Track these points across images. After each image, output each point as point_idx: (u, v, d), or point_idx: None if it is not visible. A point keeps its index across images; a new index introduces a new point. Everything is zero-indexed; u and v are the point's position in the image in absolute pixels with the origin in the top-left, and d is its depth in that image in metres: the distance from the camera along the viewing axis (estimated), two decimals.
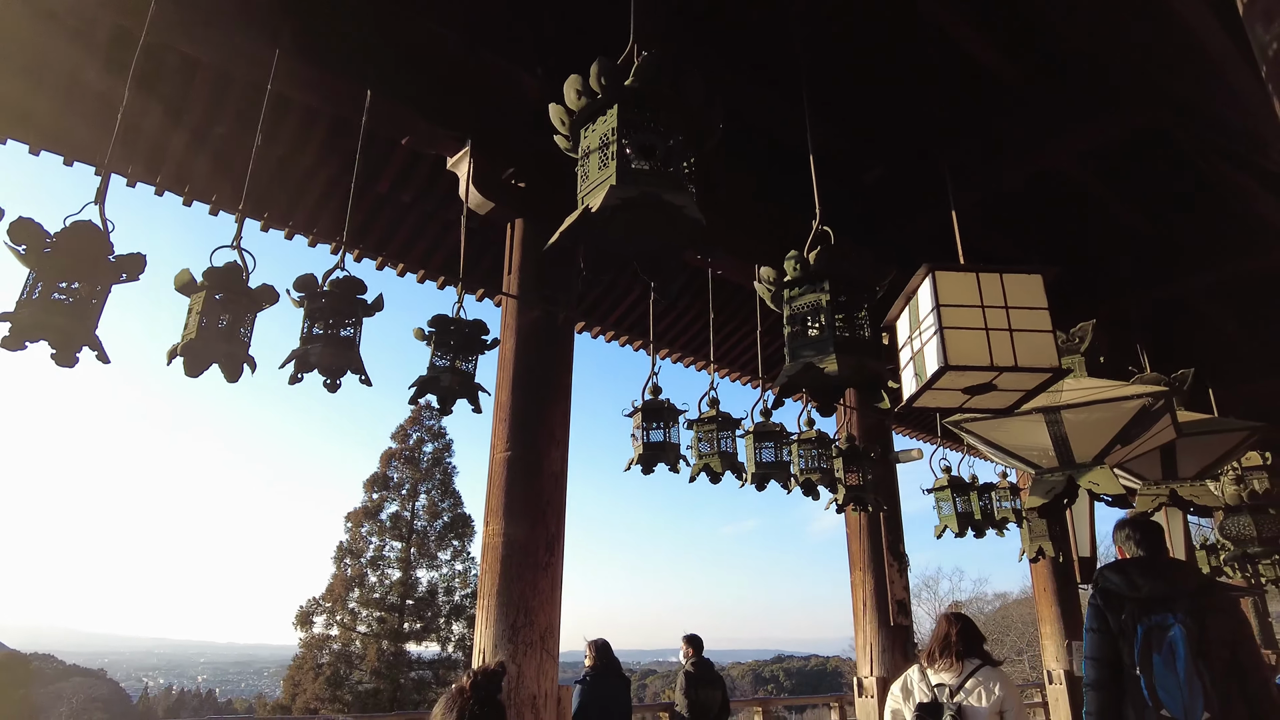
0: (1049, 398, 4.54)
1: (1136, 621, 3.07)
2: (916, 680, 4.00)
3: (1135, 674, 2.98)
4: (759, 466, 4.64)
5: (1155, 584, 3.14)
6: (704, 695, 6.62)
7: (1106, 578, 3.31)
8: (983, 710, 3.74)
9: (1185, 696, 2.81)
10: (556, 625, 3.64)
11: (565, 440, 3.92)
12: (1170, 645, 2.95)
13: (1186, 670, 2.86)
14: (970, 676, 3.85)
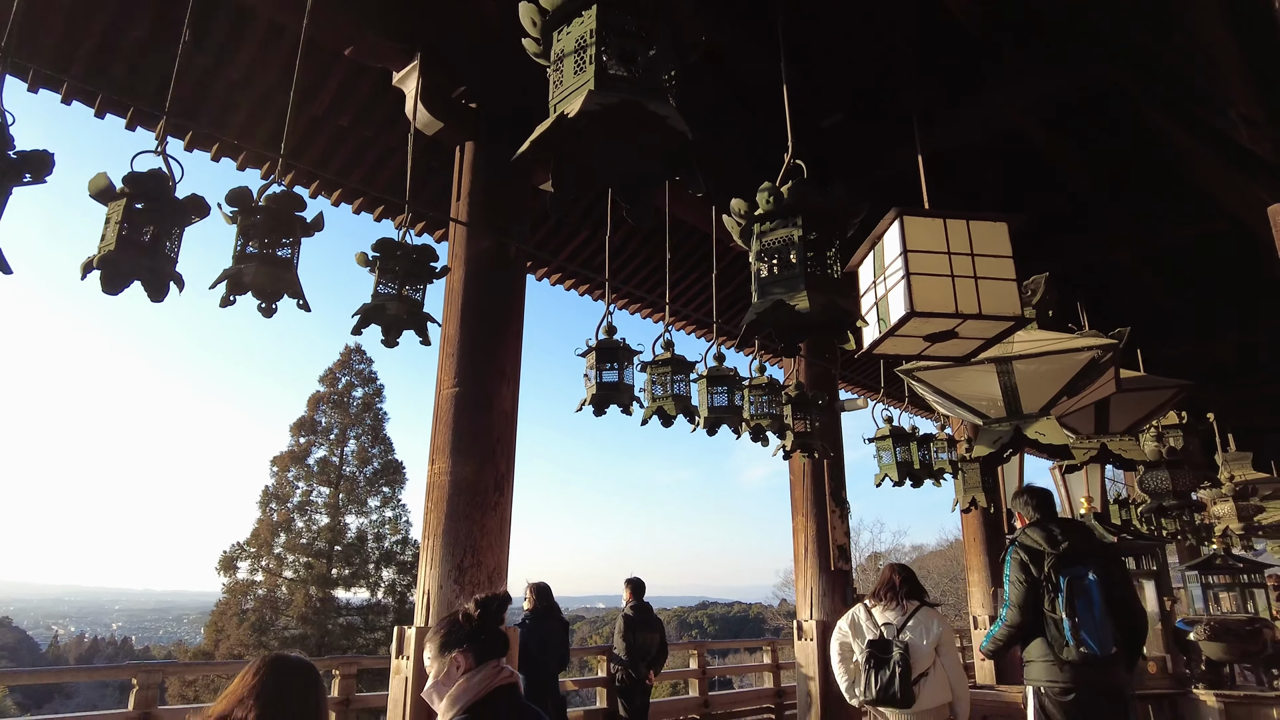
0: (1001, 348, 4.58)
1: (1059, 574, 3.50)
2: (864, 619, 4.38)
3: (1055, 618, 3.46)
4: (711, 411, 4.58)
5: (1073, 541, 3.59)
6: (642, 639, 6.64)
7: (1029, 535, 3.69)
8: (924, 646, 4.16)
9: (1099, 634, 3.31)
10: (505, 565, 3.53)
11: (516, 377, 3.76)
12: (1087, 593, 3.42)
13: (1100, 613, 3.36)
14: (912, 616, 4.28)
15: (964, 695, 4.15)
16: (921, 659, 4.09)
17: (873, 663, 4.11)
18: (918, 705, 4.03)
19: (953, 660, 4.15)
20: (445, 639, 1.96)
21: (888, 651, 4.08)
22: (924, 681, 4.06)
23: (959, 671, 4.15)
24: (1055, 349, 4.38)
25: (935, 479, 6.28)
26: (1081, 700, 3.36)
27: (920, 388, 4.99)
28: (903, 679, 3.98)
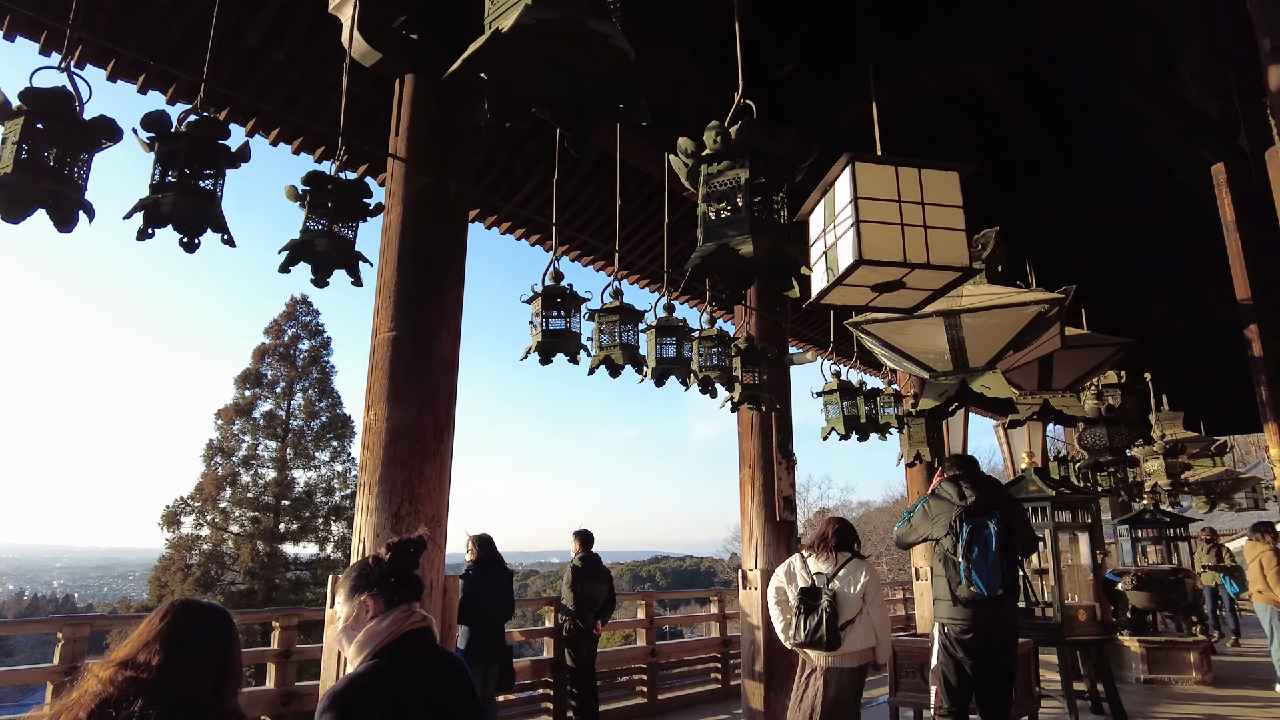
0: (949, 301, 4.59)
1: (963, 522, 3.96)
2: (799, 567, 4.68)
3: (955, 560, 3.94)
4: (660, 361, 4.52)
5: (979, 495, 4.02)
6: (590, 589, 6.66)
7: (944, 488, 4.13)
8: (851, 594, 4.44)
9: (989, 578, 3.78)
10: (444, 515, 3.45)
11: (457, 323, 3.64)
12: (985, 539, 3.87)
13: (994, 560, 3.82)
14: (843, 567, 4.55)
15: (886, 640, 4.45)
16: (848, 607, 4.37)
17: (803, 609, 4.43)
18: (843, 648, 4.35)
19: (878, 608, 4.41)
20: (355, 583, 1.89)
21: (817, 599, 4.37)
22: (850, 627, 4.36)
23: (883, 619, 4.42)
24: (1003, 303, 4.40)
25: (881, 433, 6.35)
26: (977, 637, 3.84)
27: (869, 341, 4.99)
28: (829, 624, 4.28)
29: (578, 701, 6.62)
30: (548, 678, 6.88)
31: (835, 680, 4.42)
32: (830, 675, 4.44)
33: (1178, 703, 7.05)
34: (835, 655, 4.36)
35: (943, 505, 4.10)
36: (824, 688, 4.43)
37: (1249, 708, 6.89)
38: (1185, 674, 7.86)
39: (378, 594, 1.88)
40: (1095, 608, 6.34)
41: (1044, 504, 6.37)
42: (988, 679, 3.91)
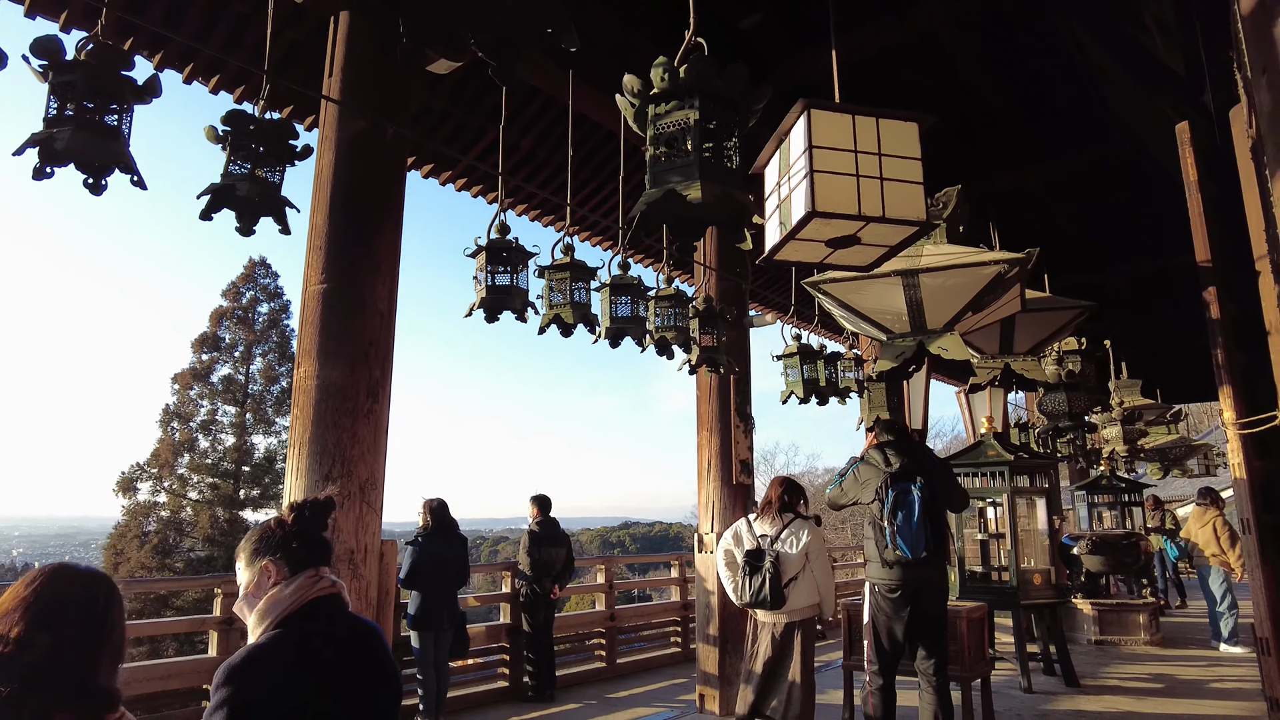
0: (907, 261, 4.48)
1: (889, 488, 4.06)
2: (745, 530, 4.81)
3: (882, 525, 4.07)
4: (614, 321, 4.38)
5: (904, 461, 4.14)
6: (547, 554, 6.56)
7: (872, 454, 4.22)
8: (793, 554, 4.56)
9: (913, 540, 3.91)
10: (380, 477, 3.29)
11: (394, 275, 3.46)
12: (910, 504, 3.97)
13: (917, 523, 3.94)
14: (786, 527, 4.67)
15: (829, 596, 4.60)
16: (791, 565, 4.51)
17: (748, 569, 4.58)
18: (787, 606, 4.50)
19: (821, 565, 4.54)
20: (256, 547, 1.73)
21: (761, 559, 4.53)
22: (793, 585, 4.50)
23: (826, 576, 4.57)
24: (962, 262, 4.30)
25: (841, 397, 6.28)
26: (905, 594, 4.00)
27: (826, 302, 4.88)
28: (773, 584, 4.44)
29: (534, 666, 6.56)
30: (504, 643, 6.79)
31: (782, 636, 4.56)
32: (778, 631, 4.58)
33: (1127, 663, 7.16)
34: (781, 613, 4.51)
35: (871, 470, 4.19)
36: (772, 644, 4.60)
37: (1194, 666, 7.02)
38: (1135, 635, 8.00)
39: (280, 558, 1.74)
40: (1050, 571, 6.38)
41: (1002, 469, 6.37)
42: (918, 628, 4.05)
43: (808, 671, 4.51)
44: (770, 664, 4.59)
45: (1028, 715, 5.19)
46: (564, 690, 6.84)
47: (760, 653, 4.64)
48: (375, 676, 1.76)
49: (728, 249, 5.76)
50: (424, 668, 5.63)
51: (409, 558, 5.63)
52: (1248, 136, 3.75)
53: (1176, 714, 5.24)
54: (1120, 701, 5.59)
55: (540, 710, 6.19)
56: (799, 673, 4.48)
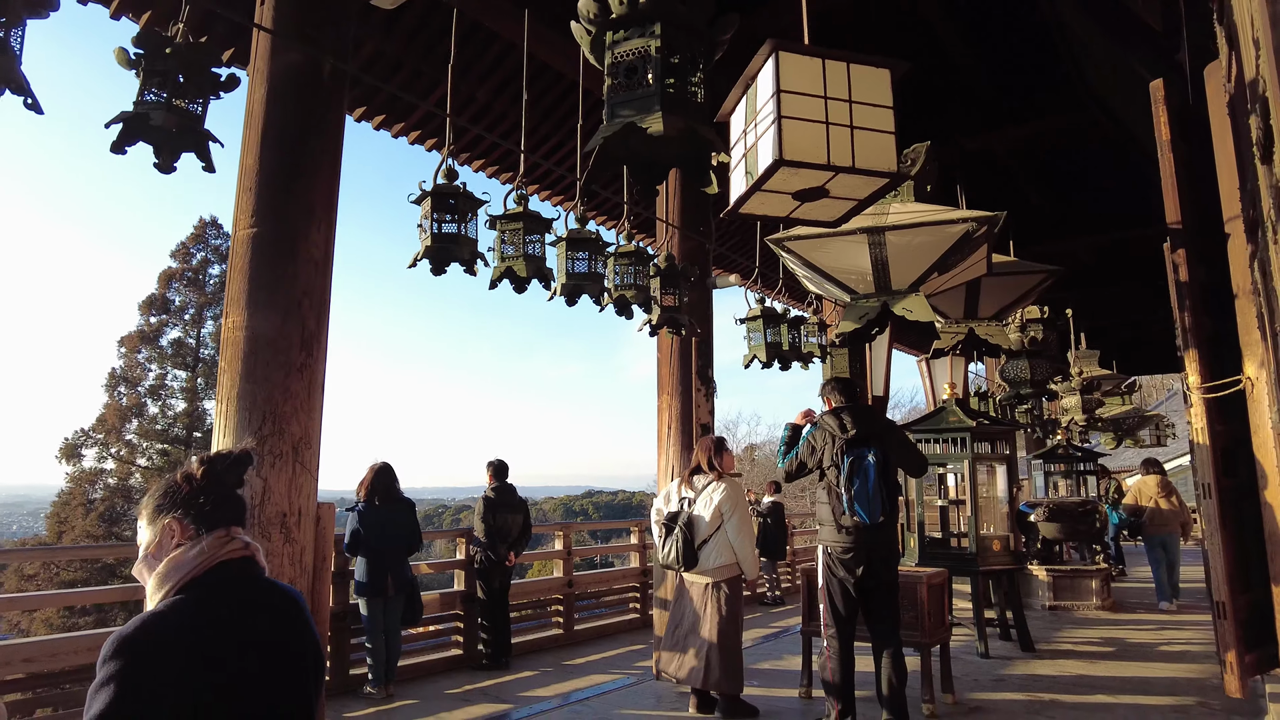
0: (874, 218, 4.34)
1: (844, 454, 3.99)
2: (675, 491, 4.79)
3: (839, 491, 4.00)
4: (571, 277, 4.19)
5: (859, 426, 4.08)
6: (503, 520, 6.40)
7: (826, 420, 4.14)
8: (705, 516, 4.56)
9: (870, 506, 3.89)
10: (315, 436, 3.09)
11: (330, 221, 3.22)
12: (865, 470, 3.93)
13: (874, 487, 3.90)
14: (703, 490, 4.63)
15: (746, 556, 4.55)
16: (702, 527, 4.53)
17: (664, 531, 4.62)
18: (699, 566, 4.53)
19: (736, 525, 4.51)
20: (159, 503, 1.53)
21: (675, 522, 4.57)
22: (705, 547, 4.51)
23: (742, 537, 4.52)
24: (929, 220, 4.18)
25: (804, 362, 6.17)
26: (858, 556, 3.98)
27: (790, 260, 4.73)
28: (684, 545, 4.48)
29: (489, 634, 6.42)
30: (458, 610, 6.64)
31: (700, 597, 4.55)
32: (697, 592, 4.58)
33: (1079, 627, 7.25)
34: (697, 574, 4.54)
35: (825, 437, 4.11)
36: (690, 605, 4.59)
37: (1143, 630, 7.13)
38: (1087, 600, 8.11)
39: (186, 516, 1.53)
40: (1010, 538, 6.38)
41: (963, 435, 6.33)
42: (871, 590, 4.02)
43: (727, 634, 4.46)
44: (691, 625, 4.59)
45: (984, 680, 5.19)
46: (520, 658, 6.73)
47: (682, 613, 4.65)
48: (291, 647, 1.57)
49: (691, 206, 5.57)
50: (373, 636, 5.46)
51: (351, 523, 5.43)
52: (1224, 91, 3.65)
53: (1128, 676, 5.29)
54: (1074, 665, 5.62)
55: (494, 678, 6.06)
56: (715, 634, 4.45)
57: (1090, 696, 4.76)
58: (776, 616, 8.82)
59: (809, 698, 4.79)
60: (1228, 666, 3.76)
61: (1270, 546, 3.71)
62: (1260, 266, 2.96)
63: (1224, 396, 3.92)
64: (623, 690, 5.13)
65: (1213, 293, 4.12)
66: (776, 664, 5.90)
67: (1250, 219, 3.21)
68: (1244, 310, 3.81)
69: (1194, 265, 3.99)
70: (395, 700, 5.43)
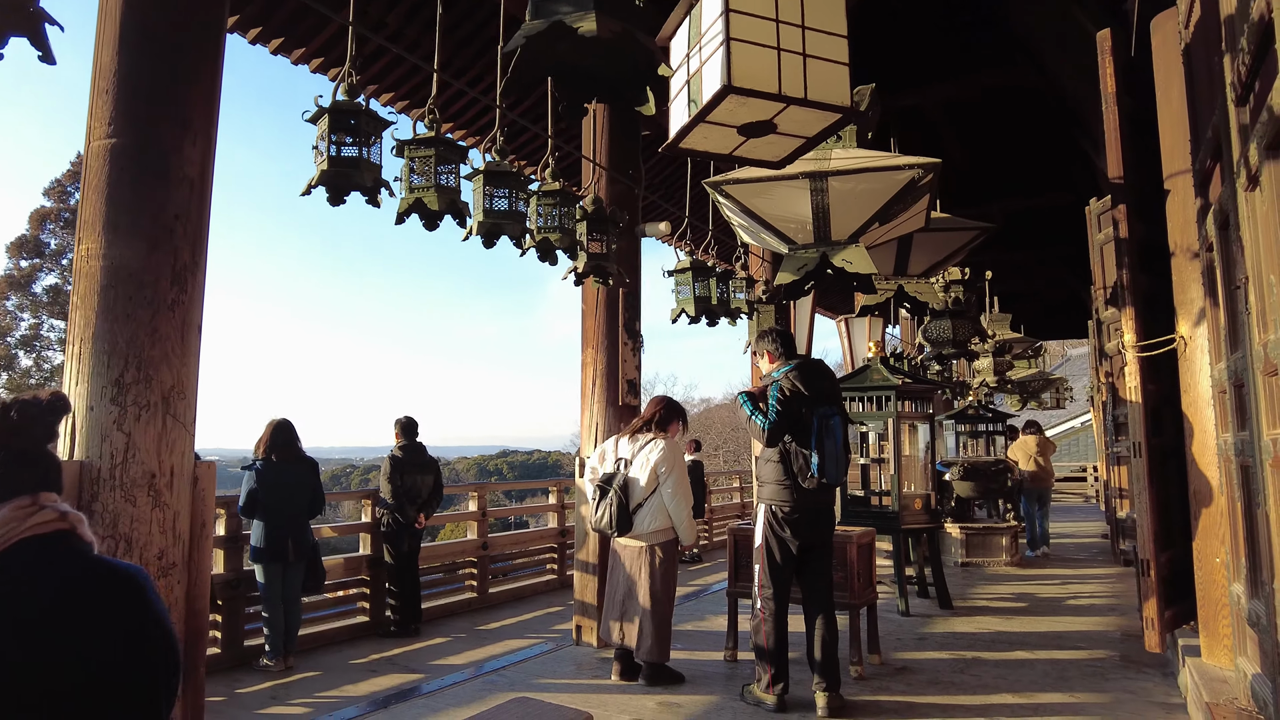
0: (816, 163, 4.11)
1: (812, 414, 3.79)
2: (611, 449, 4.53)
3: (804, 453, 3.80)
4: (488, 215, 3.82)
5: (823, 385, 3.90)
6: (412, 481, 6.02)
7: (789, 378, 3.88)
8: (641, 479, 4.32)
9: (838, 467, 3.77)
10: (189, 385, 2.67)
11: (209, 136, 2.77)
12: (833, 431, 3.77)
13: (840, 447, 3.78)
14: (640, 450, 4.39)
15: (682, 520, 4.32)
16: (638, 490, 4.30)
17: (598, 494, 4.38)
18: (634, 531, 4.30)
19: (672, 488, 4.29)
20: None
21: (610, 484, 4.33)
22: (640, 511, 4.30)
23: (678, 500, 4.29)
24: (874, 166, 3.98)
25: (732, 318, 5.97)
26: (804, 517, 3.85)
27: (727, 206, 4.47)
28: (619, 510, 4.25)
29: (397, 599, 6.07)
30: (364, 575, 6.26)
31: (634, 562, 4.35)
32: (630, 557, 4.37)
33: (992, 583, 7.42)
34: (632, 538, 4.33)
35: (791, 397, 3.87)
36: (624, 570, 4.38)
37: (1050, 585, 7.34)
38: (997, 557, 8.32)
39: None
40: (930, 497, 6.40)
41: (888, 393, 6.27)
42: (811, 550, 3.91)
43: (659, 601, 4.28)
44: (625, 591, 4.38)
45: (907, 638, 5.18)
46: (432, 623, 6.42)
47: (617, 580, 4.43)
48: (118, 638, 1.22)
49: (621, 147, 5.22)
50: (270, 604, 5.05)
51: (247, 483, 4.97)
52: (1179, 39, 3.54)
53: (1043, 631, 5.37)
54: (992, 622, 5.69)
55: (403, 645, 5.74)
56: (649, 600, 4.26)
57: (1010, 653, 4.79)
58: (695, 575, 8.74)
59: (734, 660, 4.66)
60: (1148, 623, 3.78)
61: (1194, 504, 3.72)
62: (1217, 218, 2.86)
63: (1151, 357, 3.89)
64: (540, 657, 4.89)
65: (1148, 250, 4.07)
66: (699, 625, 5.78)
67: (1203, 171, 3.12)
68: (1180, 268, 3.76)
69: (1134, 221, 3.92)
70: (295, 673, 5.06)
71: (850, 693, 3.98)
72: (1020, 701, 3.87)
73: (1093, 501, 16.98)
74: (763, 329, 4.61)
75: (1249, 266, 2.35)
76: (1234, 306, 2.82)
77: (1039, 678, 4.26)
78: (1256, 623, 2.57)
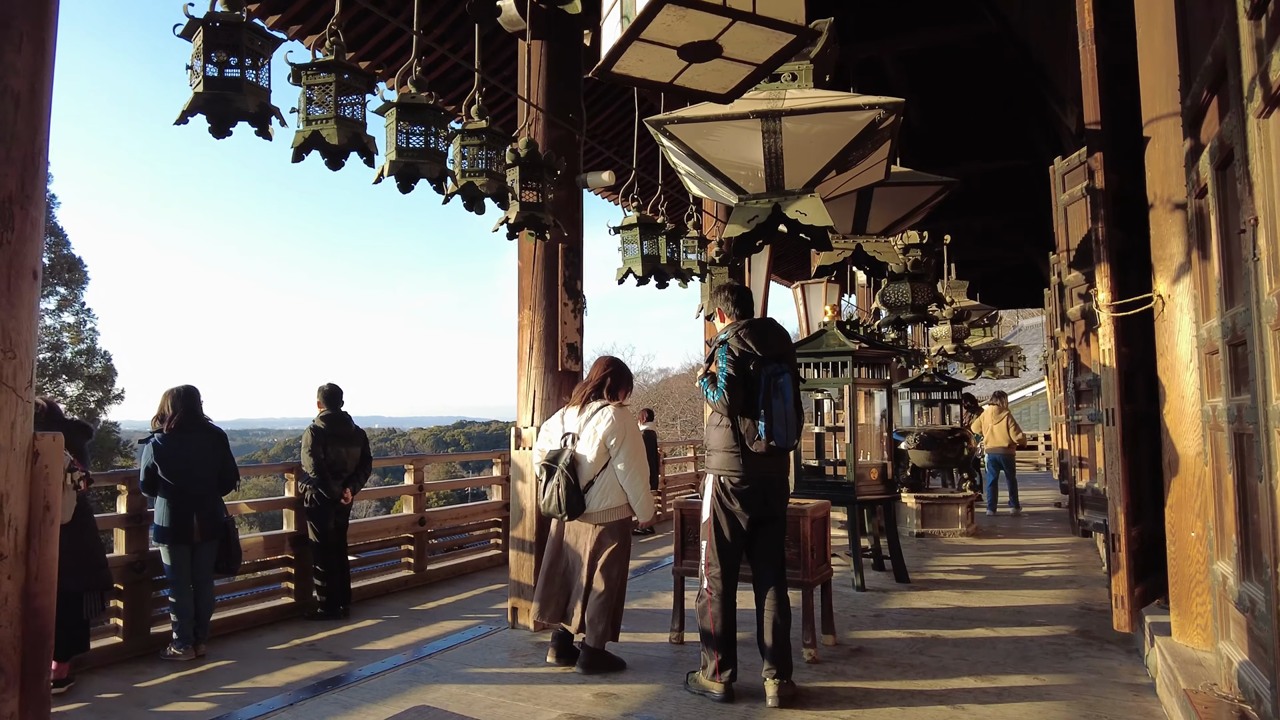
0: (769, 101, 3.73)
1: (760, 373, 3.48)
2: (557, 425, 4.10)
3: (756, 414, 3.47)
4: (402, 153, 3.39)
5: (774, 344, 3.57)
6: (335, 453, 5.59)
7: (741, 338, 3.56)
8: (587, 456, 3.91)
9: (788, 429, 3.46)
10: (23, 343, 2.22)
11: (43, 43, 2.29)
12: (783, 390, 3.48)
13: (790, 409, 3.48)
14: (587, 422, 3.98)
15: (638, 494, 3.96)
16: (588, 466, 3.92)
17: (544, 473, 3.97)
18: (588, 510, 3.92)
19: (627, 460, 3.92)
20: None
21: (556, 462, 3.93)
22: (591, 488, 3.93)
23: (632, 473, 3.93)
24: (832, 105, 3.62)
25: (683, 279, 5.60)
26: (755, 488, 3.53)
27: (672, 148, 4.07)
28: (568, 491, 3.87)
29: (323, 580, 5.66)
30: (288, 554, 5.83)
31: (581, 543, 3.99)
32: (579, 538, 4.01)
33: (948, 555, 7.25)
34: (583, 520, 3.96)
35: (741, 357, 3.55)
36: (575, 552, 4.02)
37: (1007, 556, 7.21)
38: (953, 527, 8.17)
39: None
40: (886, 466, 6.16)
41: (845, 359, 5.98)
42: (762, 524, 3.59)
43: (612, 588, 3.94)
44: (573, 573, 4.01)
45: (864, 616, 4.93)
46: (363, 604, 6.03)
47: (566, 561, 4.05)
48: None
49: (560, 86, 4.76)
50: (177, 588, 4.63)
51: (145, 458, 4.50)
52: None
53: (1003, 606, 5.18)
54: (949, 596, 5.49)
55: (331, 629, 5.35)
56: (602, 584, 3.91)
57: (970, 631, 4.57)
58: (646, 547, 8.46)
59: (680, 643, 4.36)
60: (1117, 601, 3.55)
61: (1168, 474, 3.48)
62: (1214, 156, 2.56)
63: (1124, 318, 3.63)
64: (473, 642, 4.53)
65: (1122, 202, 3.79)
66: (646, 603, 5.47)
67: (1195, 107, 2.81)
68: (1160, 221, 3.48)
69: (1109, 171, 3.63)
70: (206, 662, 4.65)
71: (803, 678, 3.71)
72: (983, 685, 3.63)
73: (1043, 469, 17.11)
74: (719, 285, 4.25)
75: (1259, 205, 2.05)
76: (1230, 256, 2.53)
77: (1001, 658, 4.04)
78: (1250, 608, 2.31)
